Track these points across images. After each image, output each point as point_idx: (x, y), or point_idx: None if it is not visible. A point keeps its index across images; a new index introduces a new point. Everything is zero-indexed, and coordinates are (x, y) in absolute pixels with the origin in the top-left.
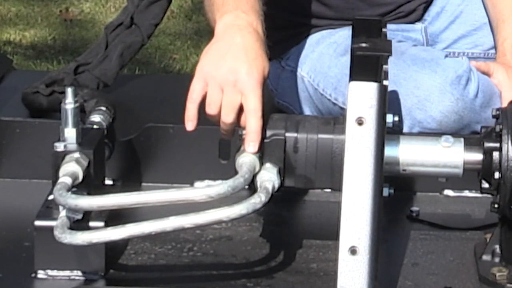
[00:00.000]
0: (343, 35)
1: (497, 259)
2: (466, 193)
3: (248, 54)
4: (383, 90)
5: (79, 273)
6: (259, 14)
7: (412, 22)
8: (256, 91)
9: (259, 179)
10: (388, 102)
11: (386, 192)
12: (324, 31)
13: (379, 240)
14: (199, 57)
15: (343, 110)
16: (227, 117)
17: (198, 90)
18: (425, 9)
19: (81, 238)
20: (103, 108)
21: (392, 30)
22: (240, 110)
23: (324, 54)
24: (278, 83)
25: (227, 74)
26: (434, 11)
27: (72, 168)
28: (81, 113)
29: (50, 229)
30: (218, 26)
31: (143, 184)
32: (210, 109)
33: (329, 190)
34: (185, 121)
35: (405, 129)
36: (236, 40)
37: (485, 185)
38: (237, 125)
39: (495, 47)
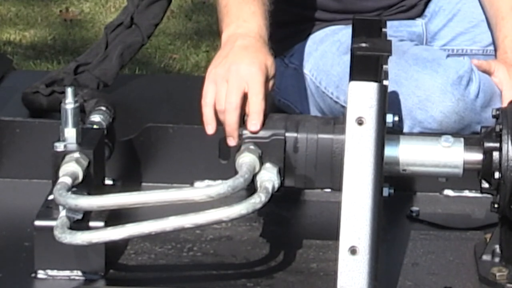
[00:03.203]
0: (346, 34)
1: (497, 259)
2: (466, 193)
3: (249, 50)
4: (383, 90)
5: (79, 273)
6: (262, 17)
7: (413, 18)
8: (258, 77)
9: (259, 179)
10: (389, 102)
11: (386, 192)
12: (328, 28)
13: (379, 240)
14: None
15: (344, 109)
16: (231, 99)
17: (210, 92)
18: (426, 5)
19: (81, 238)
20: (103, 108)
21: (396, 26)
22: (244, 100)
23: (327, 52)
24: (281, 80)
25: (230, 66)
26: (432, 9)
27: (72, 168)
28: (81, 113)
29: (50, 229)
30: (222, 37)
31: (143, 184)
32: (219, 105)
33: (329, 190)
34: (204, 125)
35: (405, 129)
36: (238, 43)
37: (485, 185)
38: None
39: (495, 44)
